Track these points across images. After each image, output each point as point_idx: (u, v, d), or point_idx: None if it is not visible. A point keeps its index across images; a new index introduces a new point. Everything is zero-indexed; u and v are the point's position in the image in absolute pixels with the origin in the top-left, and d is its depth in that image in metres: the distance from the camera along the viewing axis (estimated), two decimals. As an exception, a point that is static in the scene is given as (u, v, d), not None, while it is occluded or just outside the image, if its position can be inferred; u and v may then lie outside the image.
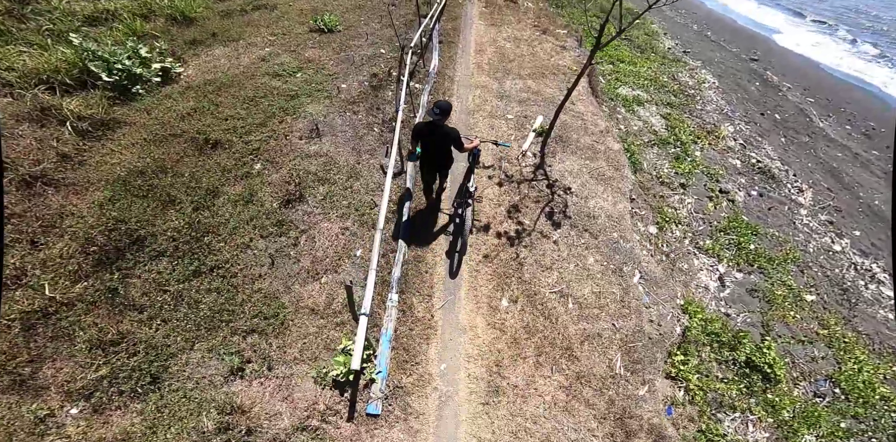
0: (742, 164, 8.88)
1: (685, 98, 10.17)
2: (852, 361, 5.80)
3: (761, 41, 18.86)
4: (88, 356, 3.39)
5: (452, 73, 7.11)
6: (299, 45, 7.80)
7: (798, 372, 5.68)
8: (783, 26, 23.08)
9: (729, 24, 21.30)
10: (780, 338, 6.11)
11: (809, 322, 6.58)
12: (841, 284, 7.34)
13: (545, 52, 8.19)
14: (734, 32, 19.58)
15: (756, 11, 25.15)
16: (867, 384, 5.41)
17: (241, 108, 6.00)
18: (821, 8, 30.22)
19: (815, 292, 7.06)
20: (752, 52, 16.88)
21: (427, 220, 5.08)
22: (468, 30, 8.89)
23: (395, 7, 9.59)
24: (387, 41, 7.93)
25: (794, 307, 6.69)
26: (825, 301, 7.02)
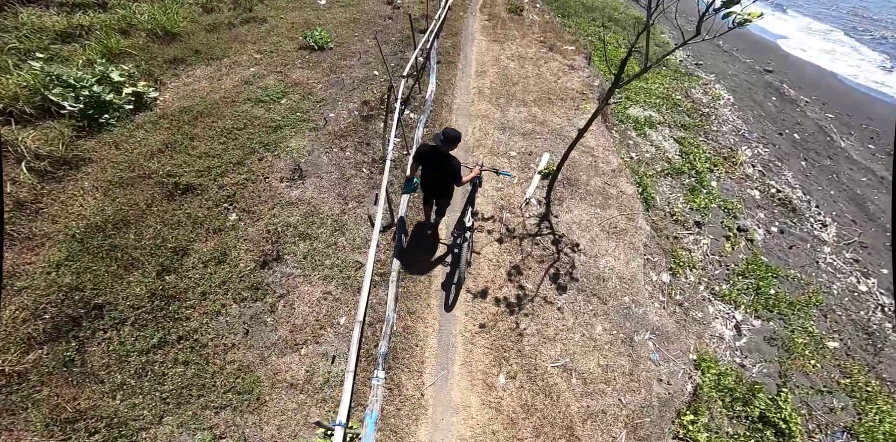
0: (761, 195, 8.36)
1: (700, 118, 9.61)
2: (874, 411, 5.41)
3: (773, 50, 18.23)
4: (45, 434, 3.08)
5: (451, 100, 6.59)
6: (287, 64, 7.30)
7: (814, 424, 5.31)
8: (792, 33, 22.48)
9: (740, 32, 20.65)
10: (797, 388, 5.72)
11: (830, 370, 6.18)
12: (866, 327, 6.91)
13: (552, 72, 7.64)
14: (745, 40, 18.94)
15: (766, 19, 24.54)
16: (888, 436, 5.02)
17: (217, 142, 5.52)
18: (827, 14, 29.47)
19: (838, 338, 6.66)
20: (765, 63, 16.25)
21: (424, 245, 4.78)
22: (469, 46, 8.34)
23: (391, 21, 9.05)
24: (381, 60, 7.41)
25: (814, 355, 6.28)
26: (849, 347, 6.61)
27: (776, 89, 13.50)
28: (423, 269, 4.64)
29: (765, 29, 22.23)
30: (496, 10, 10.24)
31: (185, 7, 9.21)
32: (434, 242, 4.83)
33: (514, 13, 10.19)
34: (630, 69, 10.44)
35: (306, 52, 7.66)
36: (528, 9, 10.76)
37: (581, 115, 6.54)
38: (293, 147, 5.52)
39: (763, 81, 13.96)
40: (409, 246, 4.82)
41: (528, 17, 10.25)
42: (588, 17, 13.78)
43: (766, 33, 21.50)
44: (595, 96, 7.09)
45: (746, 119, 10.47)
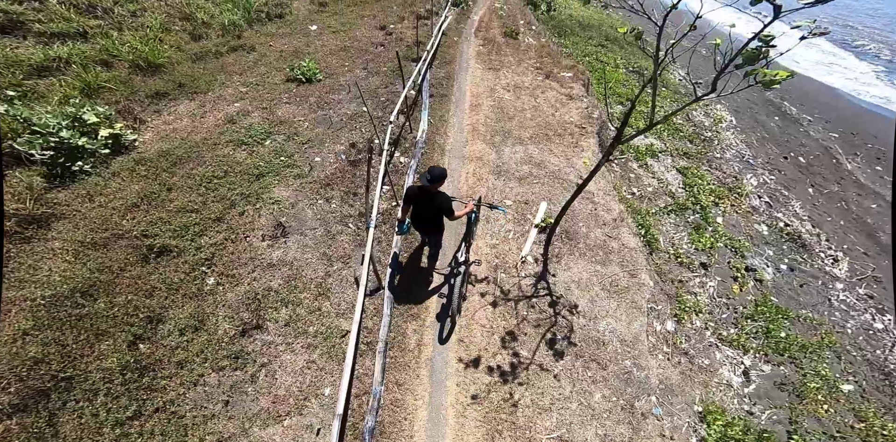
0: (769, 230, 8.08)
1: (702, 144, 9.37)
2: (890, 456, 5.13)
3: (773, 65, 18.10)
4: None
5: (444, 140, 6.30)
6: (273, 99, 7.04)
7: (828, 473, 5.03)
8: (782, 44, 22.38)
9: (735, 46, 20.52)
10: (809, 434, 5.45)
11: (844, 415, 5.91)
12: (883, 367, 6.63)
13: (549, 103, 7.38)
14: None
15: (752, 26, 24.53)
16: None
17: (196, 193, 5.24)
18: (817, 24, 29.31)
19: (853, 380, 6.38)
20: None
21: (418, 280, 4.70)
22: (463, 75, 8.08)
23: (383, 48, 8.81)
24: (371, 94, 7.16)
25: (827, 399, 6.00)
26: (864, 389, 6.33)
27: (777, 107, 13.28)
28: (418, 300, 4.57)
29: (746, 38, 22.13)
30: (492, 34, 10.00)
31: (173, 34, 8.99)
32: (427, 277, 4.74)
33: (510, 37, 9.94)
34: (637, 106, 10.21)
35: (293, 85, 7.41)
36: (523, 32, 10.53)
37: (580, 153, 6.27)
38: (276, 198, 5.24)
39: (763, 99, 13.74)
40: (402, 279, 4.71)
41: (523, 40, 10.00)
42: (585, 36, 13.58)
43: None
44: (594, 130, 6.83)
45: (750, 142, 10.22)
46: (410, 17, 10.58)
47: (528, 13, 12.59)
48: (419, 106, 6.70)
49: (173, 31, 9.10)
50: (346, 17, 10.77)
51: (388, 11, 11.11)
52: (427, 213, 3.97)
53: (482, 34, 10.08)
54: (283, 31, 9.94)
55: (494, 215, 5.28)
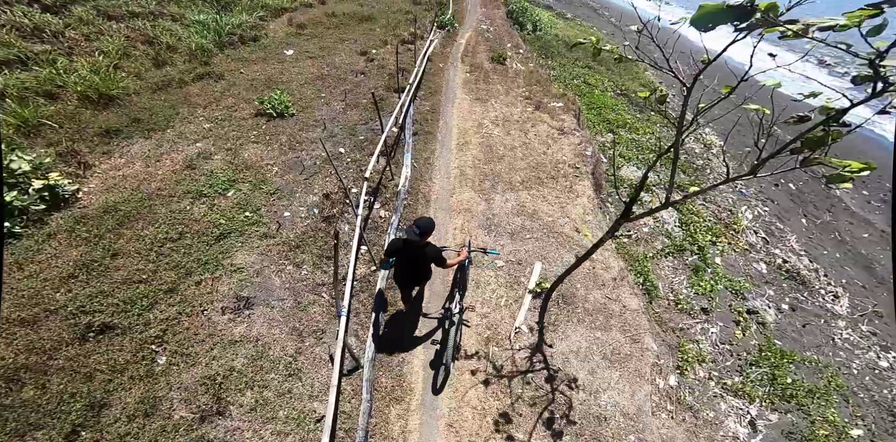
0: (768, 268, 7.82)
1: (695, 174, 9.10)
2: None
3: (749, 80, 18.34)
4: None
5: (428, 188, 5.76)
6: (239, 138, 6.38)
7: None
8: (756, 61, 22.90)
9: (715, 62, 20.84)
10: None
11: None
12: (891, 408, 6.43)
13: (540, 138, 6.93)
14: (724, 72, 19.10)
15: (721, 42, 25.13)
16: None
17: (146, 259, 4.55)
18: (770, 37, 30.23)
19: (862, 424, 6.12)
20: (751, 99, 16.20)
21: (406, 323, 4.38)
22: (449, 107, 7.57)
23: (363, 77, 8.24)
24: (348, 132, 6.57)
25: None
26: (874, 433, 6.09)
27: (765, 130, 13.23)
28: (405, 347, 4.26)
29: (730, 57, 22.61)
30: (479, 59, 9.56)
31: (133, 60, 8.25)
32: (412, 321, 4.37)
33: (498, 62, 9.52)
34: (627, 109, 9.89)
35: (263, 121, 6.76)
36: (511, 56, 10.13)
37: (575, 199, 5.82)
38: (238, 264, 4.59)
39: (753, 121, 13.67)
40: (388, 324, 4.36)
41: (511, 66, 9.59)
42: (571, 58, 13.33)
43: (734, 61, 21.83)
44: (588, 169, 6.40)
45: (740, 170, 10.00)
46: (394, 41, 10.07)
47: (514, 34, 12.25)
48: (402, 146, 6.16)
49: (133, 57, 8.35)
50: (325, 41, 10.18)
51: (369, 35, 10.57)
52: (414, 266, 3.76)
53: (469, 59, 9.62)
54: (257, 56, 9.29)
55: (485, 279, 4.75)
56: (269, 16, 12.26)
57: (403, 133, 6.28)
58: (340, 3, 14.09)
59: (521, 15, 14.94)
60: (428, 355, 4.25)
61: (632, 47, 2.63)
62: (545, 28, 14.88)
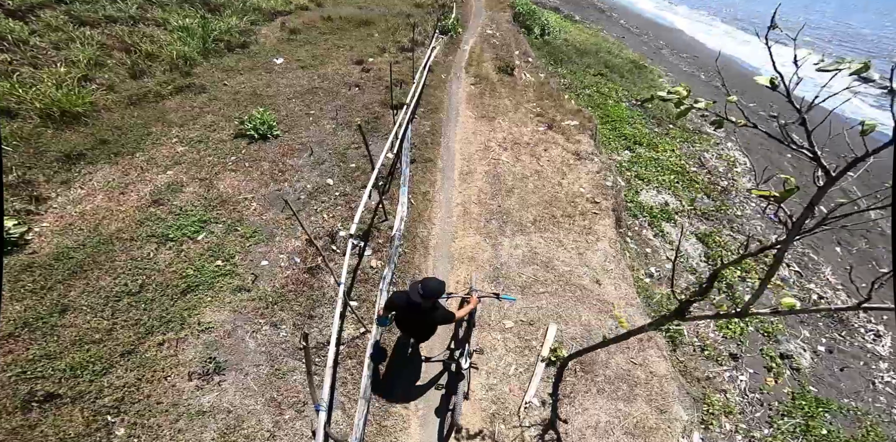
0: (803, 306, 7.10)
1: (720, 197, 8.37)
2: None
3: (763, 85, 17.52)
4: None
5: (427, 232, 5.00)
6: (216, 165, 5.68)
7: None
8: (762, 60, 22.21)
9: (728, 66, 20.03)
10: None
11: None
12: None
13: (554, 166, 6.19)
14: (738, 76, 18.30)
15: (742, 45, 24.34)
16: None
17: (100, 315, 3.91)
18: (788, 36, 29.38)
19: None
20: (768, 107, 15.38)
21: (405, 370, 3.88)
22: (452, 127, 6.80)
23: (358, 90, 7.51)
24: (338, 158, 5.86)
25: None
26: None
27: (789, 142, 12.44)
28: (408, 396, 3.77)
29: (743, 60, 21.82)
30: (484, 70, 8.78)
31: (107, 70, 7.55)
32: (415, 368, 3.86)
33: (505, 73, 8.75)
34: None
35: (244, 143, 6.06)
36: (519, 65, 9.35)
37: (595, 243, 5.09)
38: (207, 323, 3.93)
39: (774, 133, 12.86)
40: (387, 371, 3.87)
41: (520, 77, 8.82)
42: (582, 64, 12.54)
43: (748, 65, 20.98)
44: (609, 204, 5.67)
45: (768, 191, 9.26)
46: (392, 48, 9.32)
47: (522, 40, 11.45)
48: (397, 177, 5.44)
49: (108, 67, 7.67)
50: (318, 48, 9.45)
51: (367, 41, 9.82)
52: (419, 324, 3.36)
53: (473, 70, 8.86)
54: (244, 65, 8.58)
55: (490, 343, 4.05)
56: (262, 19, 11.52)
57: (399, 161, 5.57)
58: (338, 6, 13.33)
59: (528, 18, 14.13)
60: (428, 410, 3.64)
61: (740, 112, 1.91)
62: (554, 32, 14.08)
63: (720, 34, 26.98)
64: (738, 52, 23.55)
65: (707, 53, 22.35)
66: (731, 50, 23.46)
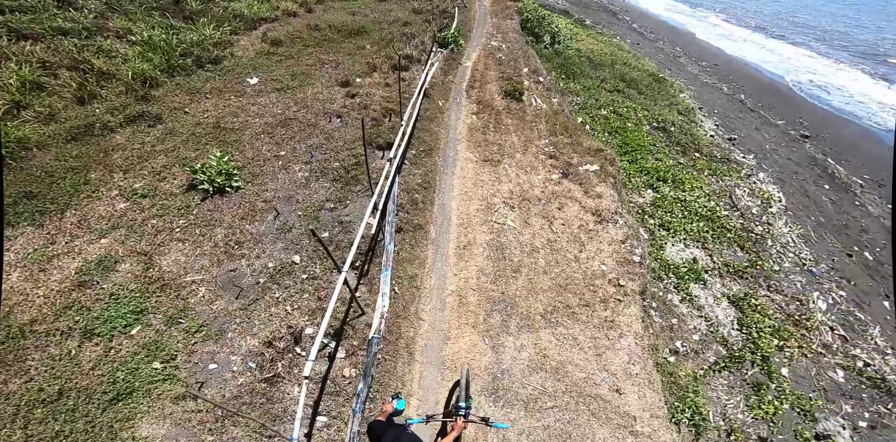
0: (846, 375, 6.19)
1: (755, 248, 7.36)
2: None
3: (791, 98, 16.39)
4: None
5: (414, 331, 4.00)
6: (161, 231, 4.69)
7: None
8: (796, 67, 21.00)
9: (751, 75, 18.79)
10: None
11: None
12: None
13: (570, 232, 5.15)
14: (762, 87, 17.12)
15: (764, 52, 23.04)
16: None
17: (9, 427, 3.03)
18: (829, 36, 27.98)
19: None
20: (797, 122, 14.24)
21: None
22: (448, 177, 5.69)
23: (339, 121, 6.46)
24: (309, 221, 4.87)
25: None
26: None
27: (822, 168, 11.41)
28: None
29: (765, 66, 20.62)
30: (488, 93, 7.68)
31: (49, 94, 6.52)
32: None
33: (512, 98, 7.66)
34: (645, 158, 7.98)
35: (197, 198, 5.06)
36: (529, 87, 8.23)
37: (618, 340, 4.11)
38: (144, 439, 3.04)
39: (806, 157, 11.85)
40: None
41: (529, 103, 7.73)
42: (596, 78, 11.39)
43: (772, 74, 19.75)
44: (637, 287, 4.68)
45: (807, 236, 8.25)
46: (384, 66, 8.21)
47: (531, 54, 10.28)
48: (379, 252, 4.45)
49: (50, 90, 6.63)
50: (301, 64, 8.36)
51: (356, 56, 8.71)
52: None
53: (476, 93, 7.77)
54: (214, 85, 7.52)
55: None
56: (243, 28, 10.36)
57: (382, 230, 4.59)
58: (329, 12, 12.12)
59: (537, 25, 12.93)
60: None
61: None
62: (565, 40, 12.88)
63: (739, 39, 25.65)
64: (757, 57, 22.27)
65: (726, 60, 21.05)
66: (752, 56, 22.16)
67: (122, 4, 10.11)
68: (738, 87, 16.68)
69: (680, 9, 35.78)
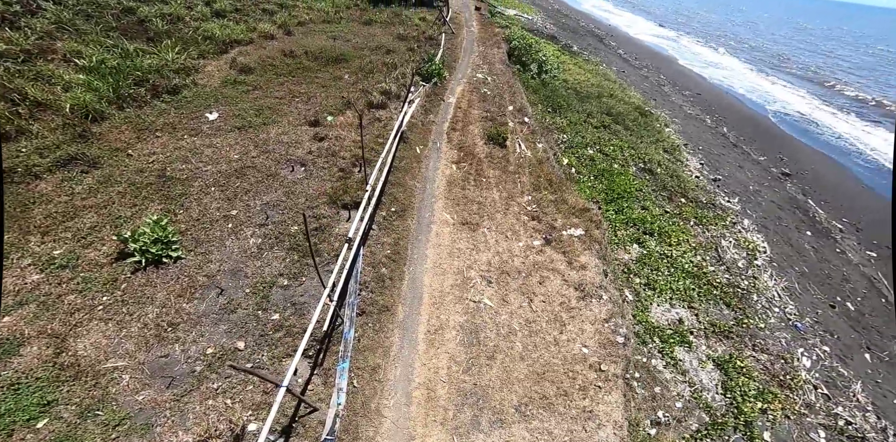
0: (827, 436, 6.02)
1: (741, 304, 7.13)
2: None
3: (772, 132, 16.79)
4: None
5: (374, 430, 3.41)
6: (79, 309, 4.01)
7: None
8: (776, 93, 21.81)
9: (732, 105, 19.28)
10: None
11: None
12: None
13: (551, 311, 4.70)
14: (743, 119, 17.50)
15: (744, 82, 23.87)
16: None
17: None
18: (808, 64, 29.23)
19: None
20: (777, 159, 14.45)
21: None
22: (422, 245, 5.18)
23: (303, 170, 5.88)
24: (258, 302, 4.27)
25: None
26: None
27: (805, 212, 11.48)
28: None
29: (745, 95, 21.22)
30: (470, 138, 7.24)
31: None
32: None
33: (496, 143, 7.24)
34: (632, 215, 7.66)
35: (127, 271, 4.39)
36: (513, 130, 7.83)
37: (596, 431, 3.62)
38: None
39: (788, 198, 11.92)
40: None
41: (513, 148, 7.33)
42: (583, 112, 11.19)
43: (753, 104, 20.27)
44: (619, 370, 4.28)
45: (791, 288, 8.10)
46: (361, 102, 7.70)
47: (517, 88, 9.97)
48: (337, 339, 3.89)
49: (-28, 125, 5.84)
50: (269, 96, 7.78)
51: (331, 88, 8.18)
52: None
53: (458, 137, 7.33)
54: (167, 120, 6.85)
55: None
56: (212, 51, 9.68)
57: (342, 313, 4.04)
58: (309, 36, 11.59)
59: (524, 54, 12.75)
60: None
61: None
62: (552, 70, 12.71)
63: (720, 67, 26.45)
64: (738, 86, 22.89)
65: (707, 88, 21.54)
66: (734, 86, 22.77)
67: (74, 24, 9.34)
68: (721, 119, 16.94)
69: (663, 34, 36.93)
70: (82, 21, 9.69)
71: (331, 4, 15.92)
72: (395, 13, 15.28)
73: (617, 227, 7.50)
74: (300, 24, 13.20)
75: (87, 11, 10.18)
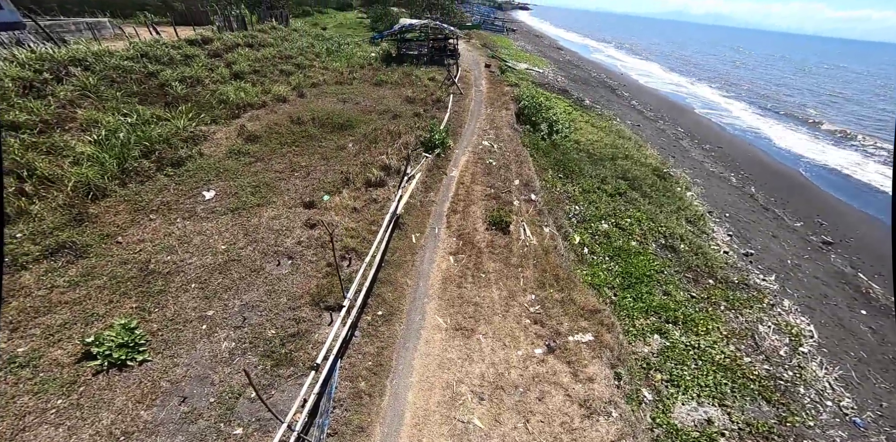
0: None
1: (783, 399, 6.43)
2: None
3: (808, 191, 16.29)
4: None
5: None
6: (29, 412, 3.91)
7: None
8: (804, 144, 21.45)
9: (759, 159, 19.08)
10: None
11: None
12: None
13: (550, 431, 4.09)
14: (772, 175, 17.16)
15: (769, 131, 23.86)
16: None
17: None
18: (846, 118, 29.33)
19: None
20: (818, 225, 13.92)
21: None
22: (409, 354, 4.97)
23: (290, 264, 5.95)
24: (222, 413, 4.10)
25: None
26: None
27: (856, 288, 10.81)
28: None
29: (775, 151, 20.96)
30: (470, 223, 7.21)
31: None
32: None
33: (498, 229, 7.24)
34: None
35: (88, 374, 4.33)
36: (518, 211, 7.85)
37: None
38: None
39: (834, 272, 11.33)
40: None
41: (517, 234, 7.28)
42: (596, 177, 11.28)
43: (783, 157, 20.00)
44: None
45: (847, 377, 7.34)
46: (360, 177, 8.00)
47: (524, 159, 10.24)
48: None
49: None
50: (270, 169, 8.22)
51: (332, 160, 8.60)
52: None
53: (458, 221, 7.35)
54: (165, 198, 7.22)
55: None
56: (224, 116, 10.51)
57: (311, 431, 3.82)
58: (321, 98, 12.54)
59: (534, 113, 13.31)
60: None
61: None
62: (563, 129, 13.14)
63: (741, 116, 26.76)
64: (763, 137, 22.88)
65: (728, 140, 21.64)
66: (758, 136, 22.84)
67: (98, 90, 10.40)
68: (747, 177, 16.74)
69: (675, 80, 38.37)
70: (106, 86, 10.76)
71: (345, 65, 17.38)
72: (405, 73, 16.49)
73: (635, 316, 7.14)
74: (314, 85, 14.35)
75: (112, 77, 11.36)
